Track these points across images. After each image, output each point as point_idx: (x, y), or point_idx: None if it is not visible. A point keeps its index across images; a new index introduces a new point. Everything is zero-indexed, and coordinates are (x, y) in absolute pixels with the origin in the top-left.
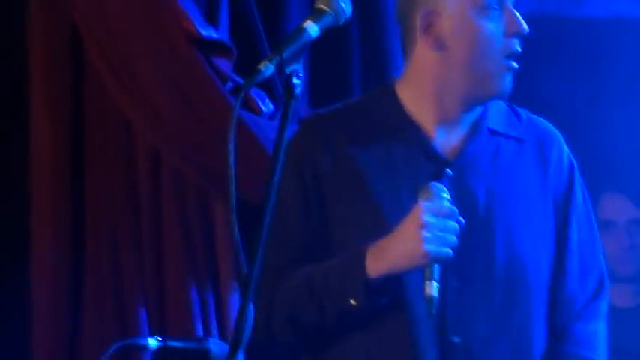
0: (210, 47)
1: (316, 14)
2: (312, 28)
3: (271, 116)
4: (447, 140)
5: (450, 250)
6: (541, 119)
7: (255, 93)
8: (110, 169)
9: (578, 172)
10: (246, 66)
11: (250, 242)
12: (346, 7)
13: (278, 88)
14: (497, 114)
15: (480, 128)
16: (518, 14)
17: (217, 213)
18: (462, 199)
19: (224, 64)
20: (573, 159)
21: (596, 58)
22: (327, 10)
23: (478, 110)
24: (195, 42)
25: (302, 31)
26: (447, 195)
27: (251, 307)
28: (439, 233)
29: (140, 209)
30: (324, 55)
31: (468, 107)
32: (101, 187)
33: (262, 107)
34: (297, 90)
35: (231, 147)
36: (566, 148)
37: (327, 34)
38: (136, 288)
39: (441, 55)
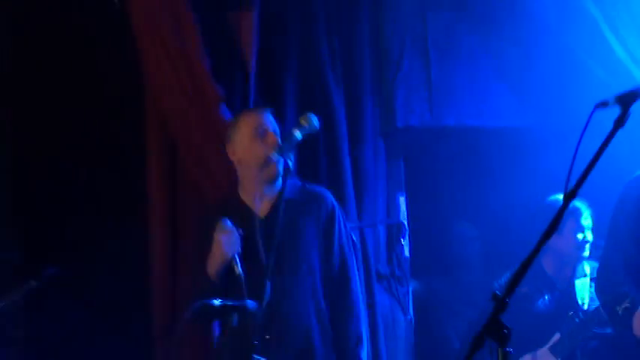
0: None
1: (300, 126)
2: (297, 134)
3: None
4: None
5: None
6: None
7: None
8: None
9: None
10: None
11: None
12: (316, 122)
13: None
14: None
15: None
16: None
17: None
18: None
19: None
20: (336, 206)
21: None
22: (306, 124)
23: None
24: None
25: (292, 135)
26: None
27: (269, 283)
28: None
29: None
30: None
31: None
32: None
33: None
34: (291, 166)
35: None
36: (331, 200)
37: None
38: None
39: None
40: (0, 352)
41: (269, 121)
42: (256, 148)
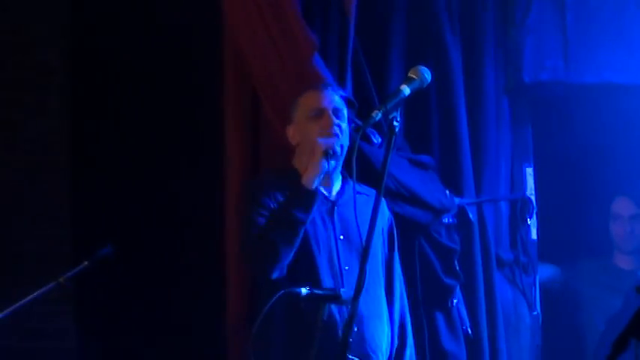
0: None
1: (409, 80)
2: (405, 90)
3: (379, 146)
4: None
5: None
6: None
7: (369, 131)
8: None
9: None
10: (363, 113)
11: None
12: (428, 76)
13: (384, 127)
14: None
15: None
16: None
17: None
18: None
19: (349, 112)
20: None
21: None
22: (416, 78)
23: None
24: None
25: (399, 91)
26: None
27: (367, 268)
28: None
29: None
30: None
31: None
32: None
33: (374, 139)
34: (397, 129)
35: (354, 166)
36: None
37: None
38: None
39: None
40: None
41: (329, 99)
42: (311, 131)
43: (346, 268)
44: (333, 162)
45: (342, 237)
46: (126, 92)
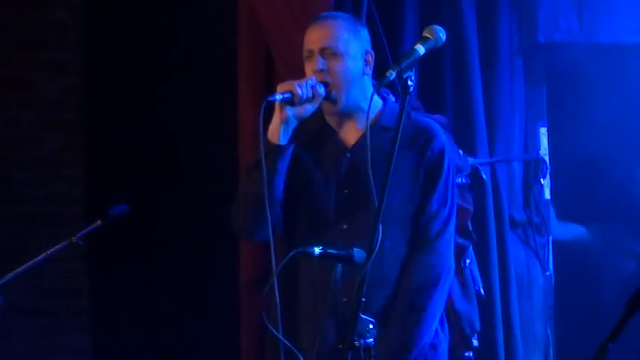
0: None
1: (423, 39)
2: (420, 49)
3: None
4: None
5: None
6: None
7: (382, 90)
8: None
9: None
10: (377, 72)
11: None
12: (442, 35)
13: (398, 87)
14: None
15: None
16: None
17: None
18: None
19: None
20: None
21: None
22: (431, 37)
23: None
24: None
25: (414, 50)
26: None
27: (380, 228)
28: None
29: None
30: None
31: None
32: None
33: (388, 99)
34: (411, 89)
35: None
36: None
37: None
38: None
39: None
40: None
41: (316, 37)
42: (307, 75)
43: (344, 227)
44: (293, 109)
45: (346, 191)
46: (139, 51)
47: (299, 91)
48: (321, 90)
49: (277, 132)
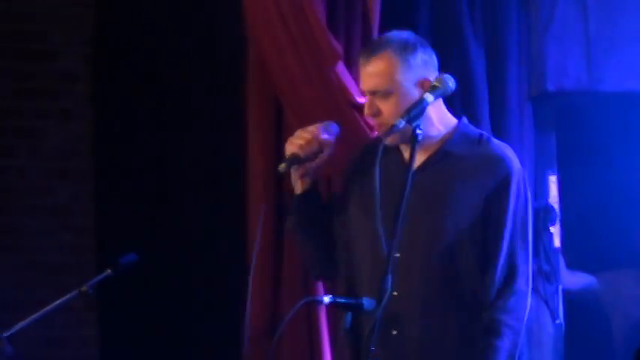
0: (363, 109)
1: (432, 88)
2: (429, 97)
3: None
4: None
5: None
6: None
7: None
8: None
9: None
10: None
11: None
12: (452, 84)
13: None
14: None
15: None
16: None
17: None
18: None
19: (370, 119)
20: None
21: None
22: (440, 86)
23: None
24: (354, 106)
25: (422, 100)
26: None
27: (389, 278)
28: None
29: None
30: None
31: None
32: None
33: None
34: (419, 137)
35: (376, 170)
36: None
37: None
38: None
39: None
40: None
41: (367, 77)
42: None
43: (397, 255)
44: (305, 165)
45: (410, 221)
46: (148, 99)
47: (301, 153)
48: (331, 134)
49: (297, 185)
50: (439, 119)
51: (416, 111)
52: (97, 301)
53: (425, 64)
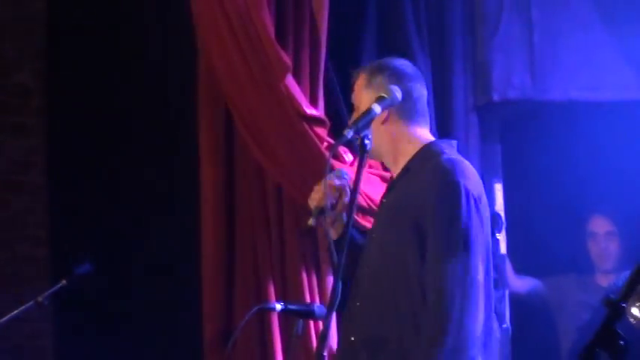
0: (312, 120)
1: (379, 99)
2: (376, 108)
3: (351, 163)
4: None
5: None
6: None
7: (340, 149)
8: (250, 199)
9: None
10: (335, 131)
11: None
12: (399, 94)
13: (355, 146)
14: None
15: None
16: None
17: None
18: None
19: (321, 131)
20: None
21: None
22: (387, 96)
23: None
24: (303, 117)
25: (370, 110)
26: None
27: (340, 285)
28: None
29: (269, 221)
30: None
31: None
32: (245, 208)
33: (345, 157)
34: (368, 147)
35: (325, 182)
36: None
37: None
38: (268, 272)
39: None
40: None
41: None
42: None
43: (366, 268)
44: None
45: (373, 235)
46: (102, 111)
47: (322, 204)
48: (343, 179)
49: (331, 233)
50: (409, 137)
51: (364, 121)
52: (53, 312)
53: (386, 86)
